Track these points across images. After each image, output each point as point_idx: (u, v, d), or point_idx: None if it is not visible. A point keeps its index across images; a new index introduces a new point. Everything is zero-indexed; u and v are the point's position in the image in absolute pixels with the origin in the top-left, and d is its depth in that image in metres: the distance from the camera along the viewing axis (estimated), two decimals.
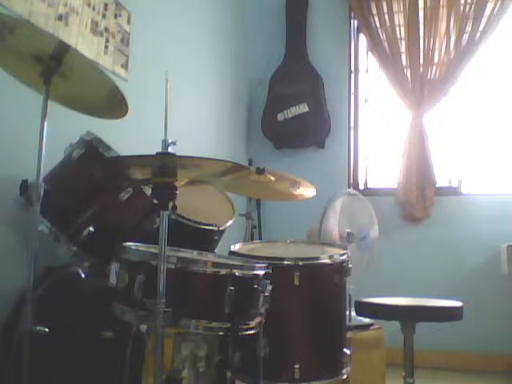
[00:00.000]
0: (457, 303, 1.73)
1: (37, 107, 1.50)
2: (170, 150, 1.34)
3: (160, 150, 1.34)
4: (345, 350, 1.87)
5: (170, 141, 1.34)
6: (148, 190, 1.63)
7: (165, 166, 1.30)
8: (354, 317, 2.28)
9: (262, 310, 1.46)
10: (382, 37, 3.85)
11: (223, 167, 1.41)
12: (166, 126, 1.42)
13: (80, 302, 1.69)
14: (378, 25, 3.87)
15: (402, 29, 3.83)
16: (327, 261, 1.90)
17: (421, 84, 3.73)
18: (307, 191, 2.39)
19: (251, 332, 1.44)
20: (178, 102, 2.74)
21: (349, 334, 1.95)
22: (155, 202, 1.36)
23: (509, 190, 3.61)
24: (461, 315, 1.61)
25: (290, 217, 3.71)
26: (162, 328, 1.28)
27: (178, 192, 1.35)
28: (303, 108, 3.83)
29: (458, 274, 3.50)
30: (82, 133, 1.76)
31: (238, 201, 2.43)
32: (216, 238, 2.01)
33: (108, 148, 1.69)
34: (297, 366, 1.76)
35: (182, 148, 1.35)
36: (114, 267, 1.45)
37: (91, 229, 1.65)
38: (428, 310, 1.93)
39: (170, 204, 1.33)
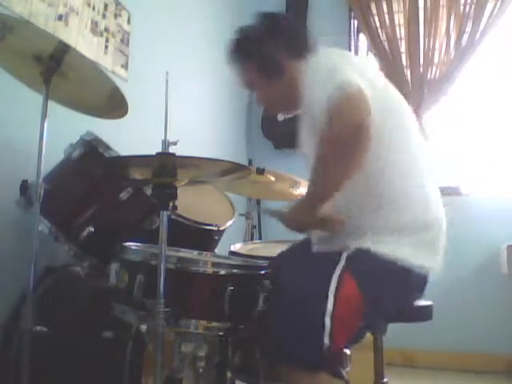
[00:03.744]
0: (426, 302, 1.70)
1: (37, 107, 1.50)
2: (170, 149, 1.34)
3: (160, 150, 1.34)
4: (345, 350, 1.87)
5: (170, 141, 1.34)
6: (148, 190, 1.63)
7: (165, 166, 1.30)
8: None
9: None
10: (382, 37, 3.85)
11: (223, 167, 1.41)
12: (166, 125, 1.42)
13: (80, 302, 1.69)
14: (378, 25, 3.87)
15: (402, 29, 3.83)
16: None
17: (421, 84, 3.73)
18: None
19: (251, 332, 1.45)
20: (178, 102, 2.74)
21: None
22: (155, 202, 1.36)
23: (509, 191, 3.61)
24: (430, 315, 1.58)
25: None
26: (162, 328, 1.28)
27: (178, 192, 1.35)
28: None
29: (458, 273, 3.50)
30: (82, 133, 1.76)
31: (237, 201, 2.43)
32: (216, 237, 2.01)
33: (108, 148, 1.69)
34: None
35: (181, 148, 1.35)
36: (114, 267, 1.45)
37: (91, 229, 1.65)
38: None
39: (170, 204, 1.33)
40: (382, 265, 1.39)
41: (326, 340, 1.30)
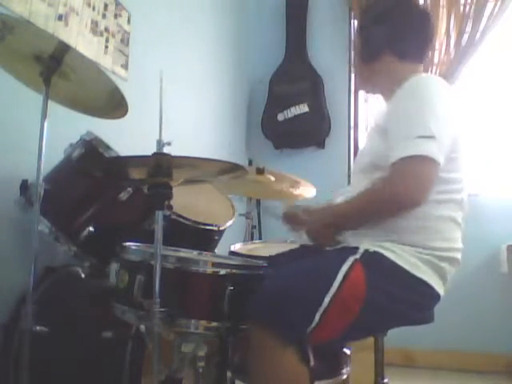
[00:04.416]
0: None
1: (37, 107, 1.50)
2: (165, 150, 1.34)
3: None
4: (345, 350, 1.87)
5: (164, 141, 1.34)
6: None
7: (160, 165, 1.30)
8: None
9: None
10: None
11: (219, 167, 1.40)
12: (160, 126, 1.42)
13: (80, 302, 1.69)
14: None
15: None
16: None
17: None
18: (307, 191, 2.39)
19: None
20: (178, 102, 2.75)
21: None
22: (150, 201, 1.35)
23: (509, 191, 3.61)
24: (432, 317, 1.57)
25: None
26: (159, 328, 1.28)
27: (173, 191, 1.34)
28: (303, 108, 3.83)
29: (458, 273, 3.48)
30: (82, 133, 1.76)
31: (237, 201, 2.43)
32: (216, 237, 2.01)
33: (108, 148, 1.69)
34: None
35: (181, 148, 1.35)
36: (114, 267, 1.45)
37: (91, 229, 1.65)
38: None
39: (166, 203, 1.33)
40: (393, 267, 1.39)
41: (317, 317, 1.30)
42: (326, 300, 1.31)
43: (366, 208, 1.45)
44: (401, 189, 1.36)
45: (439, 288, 1.46)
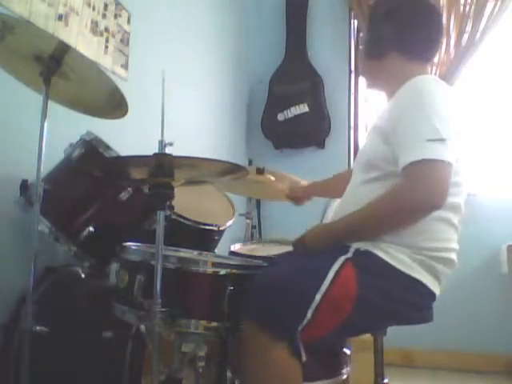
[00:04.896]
0: None
1: (37, 107, 1.50)
2: (167, 150, 1.34)
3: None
4: (345, 350, 1.87)
5: (166, 142, 1.34)
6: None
7: (161, 166, 1.30)
8: None
9: None
10: None
11: (220, 167, 1.40)
12: (162, 125, 1.42)
13: (80, 302, 1.69)
14: None
15: None
16: None
17: None
18: None
19: None
20: (178, 102, 2.75)
21: None
22: (152, 201, 1.35)
23: (508, 191, 3.61)
24: (431, 316, 1.56)
25: (290, 217, 3.71)
26: (159, 328, 1.28)
27: (174, 192, 1.34)
28: (303, 108, 3.83)
29: (458, 273, 3.48)
30: (82, 133, 1.76)
31: (237, 201, 2.43)
32: (216, 237, 2.01)
33: (108, 148, 1.70)
34: None
35: (181, 148, 1.35)
36: (114, 267, 1.45)
37: (91, 229, 1.65)
38: None
39: (167, 204, 1.33)
40: (386, 266, 1.39)
41: (309, 314, 1.31)
42: (318, 297, 1.31)
43: (382, 219, 1.41)
44: (415, 193, 1.34)
45: (434, 287, 1.45)
